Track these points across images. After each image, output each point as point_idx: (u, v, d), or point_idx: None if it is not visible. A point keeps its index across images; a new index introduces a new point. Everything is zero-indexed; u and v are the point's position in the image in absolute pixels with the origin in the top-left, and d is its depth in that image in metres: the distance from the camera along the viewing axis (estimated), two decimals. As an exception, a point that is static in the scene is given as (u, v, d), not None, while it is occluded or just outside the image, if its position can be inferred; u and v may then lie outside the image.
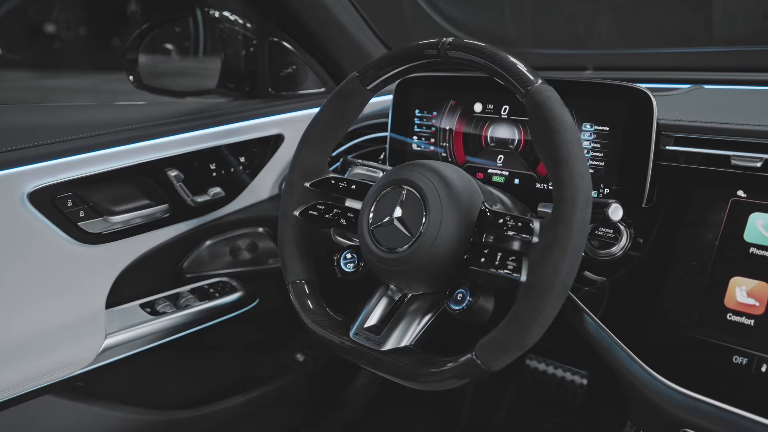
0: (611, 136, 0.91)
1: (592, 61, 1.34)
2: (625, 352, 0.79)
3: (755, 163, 0.81)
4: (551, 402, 1.41)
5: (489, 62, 0.78)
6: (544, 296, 0.68)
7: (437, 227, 0.78)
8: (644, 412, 0.78)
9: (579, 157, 0.70)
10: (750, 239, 0.78)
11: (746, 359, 0.72)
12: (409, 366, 0.78)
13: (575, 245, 0.68)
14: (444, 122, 1.08)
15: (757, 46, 1.21)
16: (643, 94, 0.88)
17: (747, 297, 0.75)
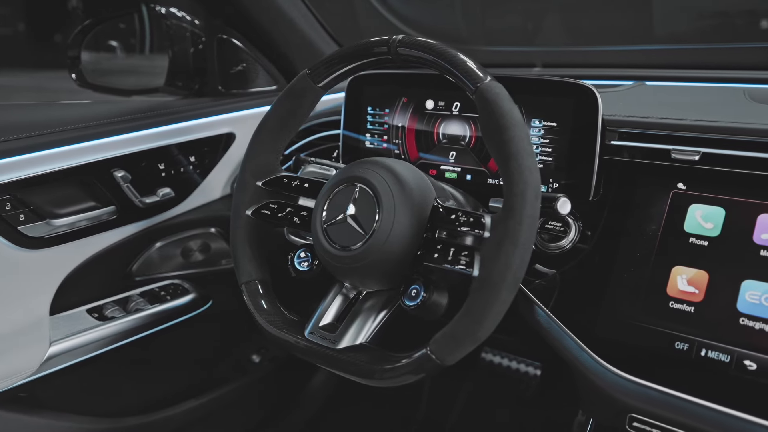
0: (559, 132, 0.93)
1: (541, 59, 1.36)
2: (574, 342, 0.82)
3: (693, 156, 0.84)
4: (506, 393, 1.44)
5: (439, 59, 0.79)
6: (496, 290, 0.69)
7: (390, 224, 0.78)
8: (594, 399, 0.80)
9: (528, 152, 0.71)
10: (690, 230, 0.81)
11: (687, 344, 0.75)
12: (365, 363, 0.78)
13: (525, 239, 0.69)
14: (396, 119, 1.09)
15: (695, 44, 1.26)
16: (588, 91, 0.90)
17: (687, 285, 0.78)
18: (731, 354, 0.72)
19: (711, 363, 0.73)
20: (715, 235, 0.79)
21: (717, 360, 0.73)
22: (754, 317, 0.73)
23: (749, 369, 0.71)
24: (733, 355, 0.72)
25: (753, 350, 0.72)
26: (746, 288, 0.75)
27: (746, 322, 0.73)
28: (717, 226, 0.80)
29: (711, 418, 0.71)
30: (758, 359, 0.71)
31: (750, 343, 0.72)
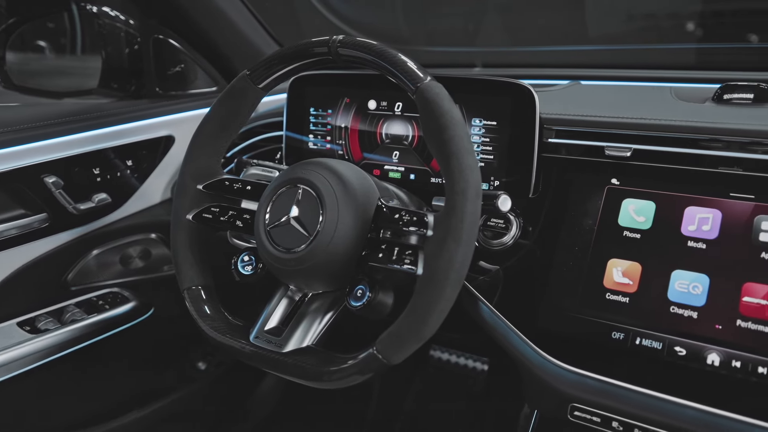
0: (499, 131, 0.95)
1: (481, 59, 1.39)
2: (517, 336, 0.83)
3: (625, 152, 0.87)
4: (455, 389, 1.46)
5: (379, 60, 0.79)
6: (440, 288, 0.70)
7: (334, 225, 0.77)
8: (537, 391, 0.82)
9: (468, 151, 0.72)
10: (623, 223, 0.84)
11: (623, 334, 0.78)
12: (312, 366, 0.77)
13: (468, 236, 0.70)
14: (339, 120, 1.08)
15: (625, 45, 1.31)
16: (526, 90, 0.92)
17: (622, 277, 0.81)
18: (663, 341, 0.76)
19: (645, 350, 0.76)
20: (646, 228, 0.83)
21: (650, 347, 0.76)
22: (683, 305, 0.76)
23: (679, 355, 0.74)
24: (665, 342, 0.76)
25: (682, 337, 0.75)
26: (676, 278, 0.78)
27: (676, 310, 0.77)
28: (648, 220, 0.83)
29: (645, 403, 0.74)
30: (687, 345, 0.74)
31: (680, 330, 0.75)
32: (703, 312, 0.75)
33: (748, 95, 0.91)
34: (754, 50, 1.19)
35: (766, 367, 0.70)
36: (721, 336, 0.73)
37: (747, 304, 0.73)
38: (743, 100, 0.91)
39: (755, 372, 0.70)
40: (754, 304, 0.73)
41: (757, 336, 0.72)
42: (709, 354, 0.73)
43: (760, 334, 0.71)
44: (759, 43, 1.16)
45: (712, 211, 0.80)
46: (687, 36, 1.23)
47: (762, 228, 0.76)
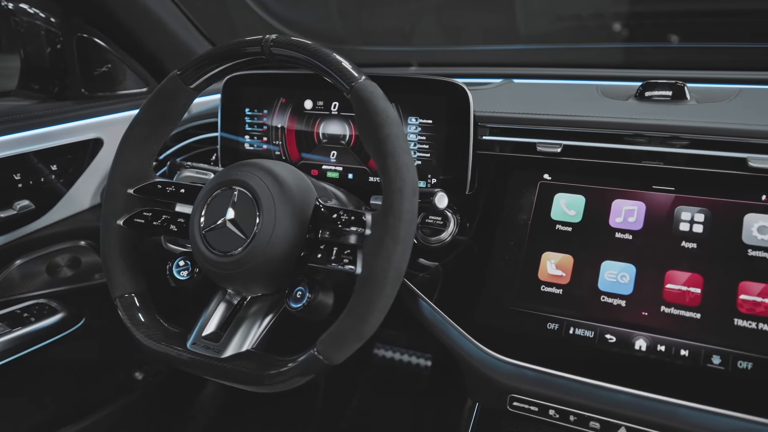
0: (435, 129, 0.96)
1: (417, 58, 1.40)
2: (457, 331, 0.85)
3: (556, 148, 0.90)
4: (400, 387, 1.47)
5: (313, 59, 0.79)
6: (379, 286, 0.70)
7: (271, 227, 0.76)
8: (478, 384, 0.84)
9: (404, 149, 0.73)
10: (556, 217, 0.87)
11: (557, 324, 0.81)
12: (252, 370, 0.76)
13: (405, 234, 0.71)
14: (275, 120, 1.07)
15: (555, 44, 1.35)
16: (460, 89, 0.94)
17: (556, 269, 0.84)
18: (594, 330, 0.79)
19: (578, 339, 0.79)
20: (577, 221, 0.85)
21: (583, 336, 0.79)
22: (612, 294, 0.80)
23: (610, 342, 0.78)
24: (596, 330, 0.79)
25: (612, 324, 0.78)
26: (605, 268, 0.81)
27: (606, 299, 0.80)
28: (579, 213, 0.86)
29: (579, 390, 0.76)
30: (617, 332, 0.78)
31: (609, 318, 0.79)
32: (630, 300, 0.79)
33: (667, 92, 0.96)
34: (672, 50, 1.25)
35: (687, 350, 0.74)
36: (647, 322, 0.77)
37: (670, 291, 0.77)
38: (662, 97, 0.96)
39: (678, 355, 0.74)
40: (675, 291, 0.77)
41: (679, 321, 0.75)
42: (636, 340, 0.77)
43: (682, 319, 0.75)
44: (676, 43, 1.23)
45: (637, 203, 0.84)
46: (612, 36, 1.28)
47: (681, 218, 0.80)
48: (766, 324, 0.72)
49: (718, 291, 0.75)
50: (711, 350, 0.73)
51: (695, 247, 0.78)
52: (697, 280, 0.77)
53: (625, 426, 0.74)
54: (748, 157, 0.79)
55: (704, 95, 0.96)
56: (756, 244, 0.76)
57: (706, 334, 0.74)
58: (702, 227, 0.79)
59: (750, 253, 0.76)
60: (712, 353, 0.73)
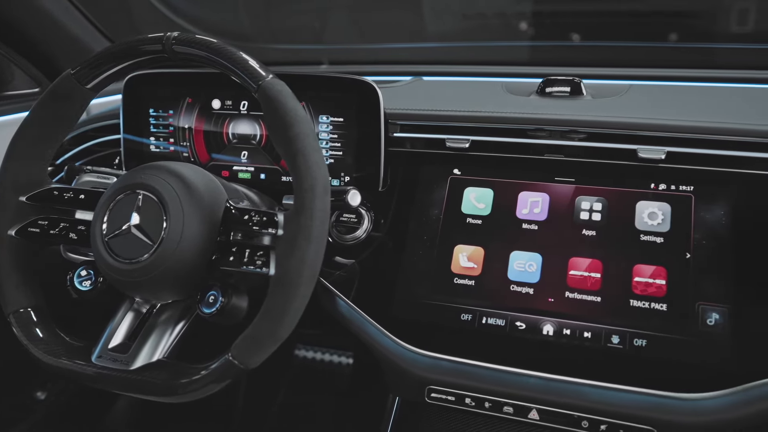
0: (346, 127, 0.96)
1: (327, 56, 1.40)
2: (375, 327, 0.85)
3: (464, 144, 0.93)
4: (322, 386, 1.46)
5: (218, 58, 0.77)
6: (294, 287, 0.69)
7: (180, 231, 0.74)
8: (397, 378, 0.85)
9: (314, 148, 0.72)
10: (466, 210, 0.89)
11: (471, 315, 0.83)
12: (164, 380, 0.73)
13: (318, 233, 0.71)
14: (182, 121, 1.03)
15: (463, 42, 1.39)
16: (370, 87, 0.94)
17: (468, 261, 0.86)
18: (505, 318, 0.82)
19: (490, 328, 0.82)
20: (486, 213, 0.88)
21: (495, 325, 0.82)
22: (521, 283, 0.83)
23: (520, 329, 0.81)
24: (507, 318, 0.82)
25: (521, 312, 0.81)
26: (514, 258, 0.85)
27: (515, 288, 0.83)
28: (488, 206, 0.89)
29: (493, 377, 0.79)
30: (526, 319, 0.81)
31: (519, 306, 0.82)
32: (537, 288, 0.82)
33: (566, 88, 1.01)
34: (570, 48, 1.32)
35: (590, 332, 0.78)
36: (553, 308, 0.81)
37: (573, 277, 0.81)
38: (561, 92, 1.01)
39: (582, 337, 0.78)
40: (578, 276, 0.81)
41: (581, 305, 0.80)
42: (544, 325, 0.80)
43: (584, 303, 0.80)
44: (574, 42, 1.30)
45: (541, 195, 0.88)
46: (515, 34, 1.34)
47: (582, 207, 0.85)
48: (657, 303, 0.77)
49: (616, 275, 0.80)
50: (611, 331, 0.78)
51: (594, 234, 0.83)
52: (596, 266, 0.81)
53: (536, 408, 0.78)
54: (638, 148, 0.85)
55: (599, 91, 1.02)
56: (647, 229, 0.81)
57: (606, 316, 0.78)
58: (600, 215, 0.84)
59: (642, 238, 0.81)
60: (611, 333, 0.77)
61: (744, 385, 0.70)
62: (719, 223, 0.79)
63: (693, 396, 0.71)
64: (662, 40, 1.28)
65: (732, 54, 1.27)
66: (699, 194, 0.82)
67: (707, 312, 0.75)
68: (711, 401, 0.71)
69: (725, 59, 1.29)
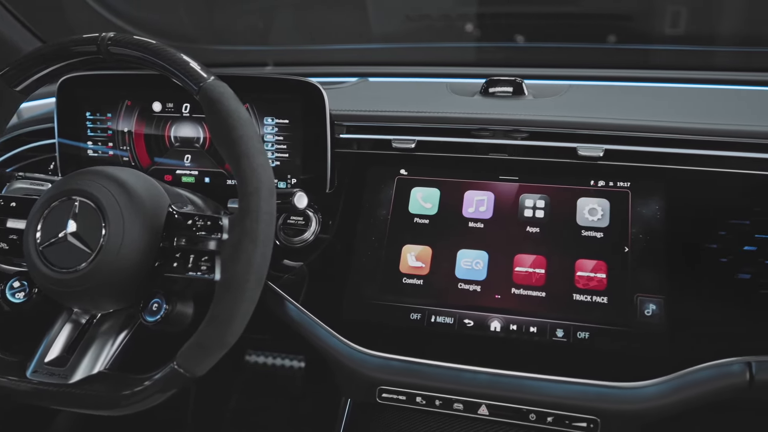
0: (292, 129, 0.95)
1: (272, 57, 1.38)
2: (324, 329, 0.85)
3: (410, 144, 0.93)
4: (275, 391, 1.45)
5: (157, 59, 0.75)
6: (240, 291, 0.68)
7: (120, 238, 0.72)
8: (348, 380, 0.84)
9: (258, 150, 0.71)
10: (413, 210, 0.90)
11: (420, 314, 0.84)
12: (106, 393, 0.71)
13: (264, 236, 0.70)
14: (121, 124, 1.00)
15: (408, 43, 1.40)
16: (315, 88, 0.94)
17: (416, 261, 0.87)
18: (454, 316, 0.83)
19: (439, 327, 0.82)
20: (433, 213, 0.89)
21: (444, 323, 0.83)
22: (468, 281, 0.84)
23: (468, 326, 0.82)
24: (456, 316, 0.83)
25: (470, 310, 0.83)
26: (461, 256, 0.86)
27: (463, 286, 0.84)
28: (434, 205, 0.90)
29: (442, 375, 0.80)
30: (474, 316, 0.82)
31: (467, 304, 0.83)
32: (484, 285, 0.84)
33: (508, 88, 1.03)
34: (512, 49, 1.35)
35: (536, 327, 0.80)
36: (500, 304, 0.82)
37: (518, 274, 0.83)
38: (504, 92, 1.03)
39: (528, 332, 0.80)
40: (523, 273, 0.83)
41: (527, 300, 0.81)
42: (492, 322, 0.82)
43: (530, 298, 0.82)
44: (515, 43, 1.32)
45: (487, 193, 0.89)
46: (458, 36, 1.36)
47: (525, 205, 0.87)
48: (598, 296, 0.80)
49: (559, 270, 0.82)
50: (555, 324, 0.80)
51: (538, 231, 0.85)
52: (541, 262, 0.83)
53: (485, 404, 0.79)
54: (577, 146, 0.87)
55: (540, 91, 1.04)
56: (588, 225, 0.84)
57: (550, 310, 0.80)
58: (543, 212, 0.86)
59: (583, 234, 0.84)
60: (556, 327, 0.79)
61: (679, 371, 0.73)
62: (654, 217, 0.82)
63: (633, 385, 0.74)
64: (600, 41, 1.32)
65: (666, 55, 1.33)
66: (635, 190, 0.85)
67: (645, 303, 0.78)
68: (650, 389, 0.74)
69: (660, 60, 1.34)
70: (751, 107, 1.01)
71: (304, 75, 0.97)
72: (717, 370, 0.74)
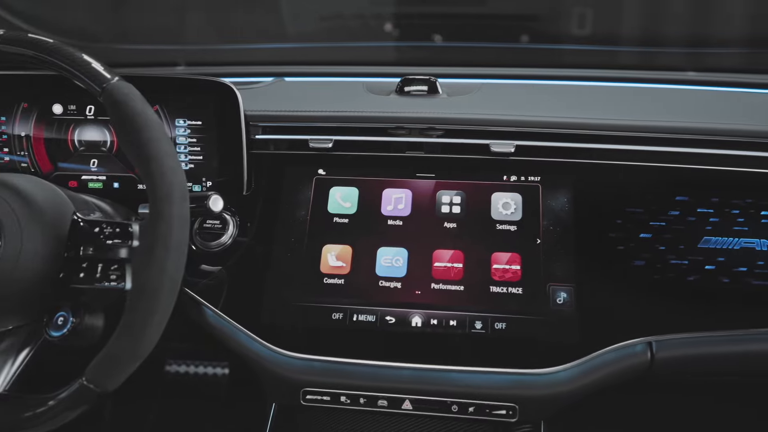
0: (205, 130, 0.93)
1: (184, 57, 1.34)
2: (245, 334, 0.83)
3: (327, 144, 0.93)
4: (199, 400, 1.40)
5: (55, 59, 0.71)
6: (153, 299, 0.65)
7: (17, 249, 0.67)
8: (272, 384, 0.83)
9: (168, 153, 0.69)
10: (332, 210, 0.90)
11: (342, 314, 0.84)
12: (5, 415, 0.66)
13: (177, 241, 0.67)
14: (17, 128, 0.94)
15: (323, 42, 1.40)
16: (228, 88, 0.92)
17: (336, 260, 0.87)
18: (375, 314, 0.83)
19: (362, 325, 0.83)
20: (352, 212, 0.89)
21: (366, 321, 0.83)
22: (388, 278, 0.85)
23: (390, 323, 0.83)
24: (377, 314, 0.83)
25: (391, 307, 0.83)
26: (381, 254, 0.86)
27: (384, 283, 0.85)
28: (354, 205, 0.90)
29: (366, 373, 0.80)
30: (395, 313, 0.83)
31: (388, 301, 0.84)
32: (405, 281, 0.85)
33: (423, 87, 1.05)
34: (426, 48, 1.38)
35: (455, 320, 0.82)
36: (420, 300, 0.83)
37: (437, 269, 0.85)
38: (419, 91, 1.04)
39: (448, 326, 0.82)
40: (442, 268, 0.85)
41: (446, 295, 0.83)
42: (413, 318, 0.83)
43: (449, 293, 0.83)
44: (430, 43, 1.35)
45: (405, 191, 0.90)
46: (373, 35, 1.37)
47: (442, 201, 0.89)
48: (513, 287, 0.83)
49: (476, 264, 0.84)
50: (474, 317, 0.82)
51: (455, 226, 0.87)
52: (458, 257, 0.85)
53: (408, 399, 0.80)
54: (490, 143, 0.90)
55: (453, 89, 1.07)
56: (502, 219, 0.87)
57: (469, 303, 0.82)
58: (459, 208, 0.88)
59: (498, 227, 0.86)
60: (475, 320, 0.81)
61: (589, 355, 0.77)
62: (563, 209, 0.86)
63: (547, 371, 0.77)
64: (511, 41, 1.37)
65: (573, 54, 1.39)
66: (545, 183, 0.88)
67: (556, 292, 0.82)
68: (563, 373, 0.77)
69: (567, 59, 1.41)
70: (652, 103, 1.07)
71: (217, 75, 0.95)
72: (622, 351, 0.78)
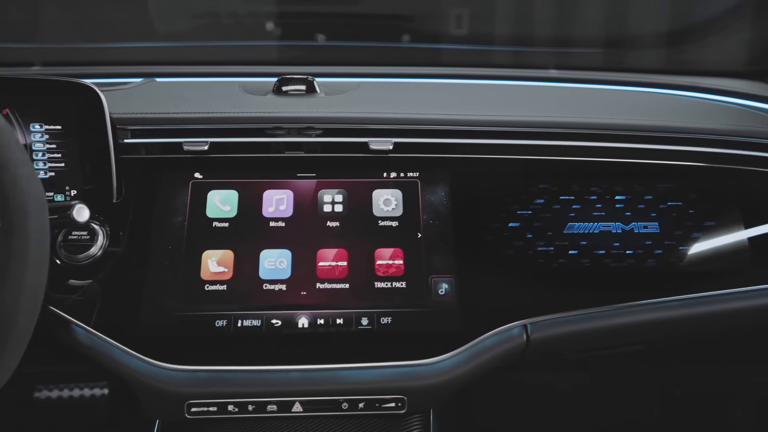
0: (66, 135, 0.87)
1: (40, 57, 1.24)
2: (121, 350, 0.79)
3: (203, 146, 0.90)
4: (78, 426, 1.31)
5: None
6: (9, 321, 0.60)
7: None
8: (153, 399, 0.79)
9: (21, 161, 0.63)
10: (211, 214, 0.87)
11: (225, 320, 0.81)
12: None
13: (36, 256, 0.62)
14: None
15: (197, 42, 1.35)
16: (90, 90, 0.86)
17: (218, 266, 0.84)
18: (261, 318, 0.82)
19: (247, 330, 0.81)
20: (233, 216, 0.87)
21: (251, 326, 0.81)
22: (273, 281, 0.84)
23: (276, 326, 0.81)
24: (262, 318, 0.82)
25: (276, 309, 0.82)
26: (264, 257, 0.85)
27: (268, 286, 0.83)
28: (233, 208, 0.88)
29: (253, 379, 0.78)
30: (281, 316, 0.82)
31: (273, 304, 0.82)
32: (289, 283, 0.84)
33: (301, 87, 1.04)
34: (303, 47, 1.37)
35: (342, 318, 0.82)
36: (306, 300, 0.83)
37: (322, 268, 0.85)
38: (297, 91, 1.04)
39: (335, 324, 0.82)
40: (327, 267, 0.85)
41: (332, 293, 0.83)
42: (299, 319, 0.82)
43: (334, 291, 0.84)
44: (307, 42, 1.34)
45: (286, 192, 0.89)
46: (249, 34, 1.34)
47: (324, 201, 0.89)
48: (397, 282, 0.84)
49: (360, 261, 0.85)
50: (360, 314, 0.82)
51: (338, 225, 0.87)
52: (343, 255, 0.86)
53: (299, 401, 0.79)
54: (369, 141, 0.92)
55: (331, 88, 1.07)
56: (383, 215, 0.88)
57: (355, 300, 0.83)
58: (342, 206, 0.89)
59: (380, 224, 0.88)
60: (361, 316, 0.82)
61: (470, 342, 0.81)
62: (441, 203, 0.89)
63: (432, 360, 0.79)
64: (387, 41, 1.40)
65: (448, 53, 1.44)
66: (423, 179, 0.91)
67: (438, 284, 0.84)
68: (447, 362, 0.80)
69: (442, 58, 1.46)
70: (522, 100, 1.14)
71: (79, 76, 0.89)
72: (501, 335, 0.82)
